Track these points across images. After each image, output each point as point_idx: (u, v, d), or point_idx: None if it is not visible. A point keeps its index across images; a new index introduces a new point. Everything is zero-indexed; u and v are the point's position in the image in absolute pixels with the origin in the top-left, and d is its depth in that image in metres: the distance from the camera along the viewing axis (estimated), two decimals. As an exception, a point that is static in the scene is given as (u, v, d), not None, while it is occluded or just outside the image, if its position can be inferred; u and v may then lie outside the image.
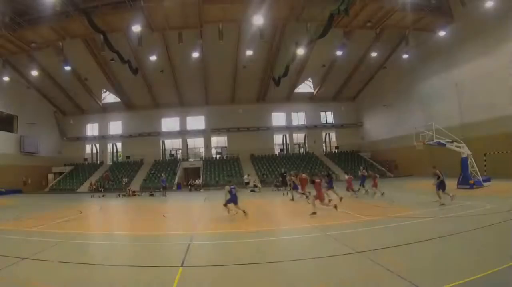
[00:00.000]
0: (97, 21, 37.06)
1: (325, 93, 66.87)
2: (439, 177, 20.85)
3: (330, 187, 24.75)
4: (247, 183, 43.27)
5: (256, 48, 48.73)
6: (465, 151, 29.50)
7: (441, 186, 20.46)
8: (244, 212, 18.76)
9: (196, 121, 69.09)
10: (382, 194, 26.61)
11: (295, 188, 29.44)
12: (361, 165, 43.95)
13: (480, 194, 24.73)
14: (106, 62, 53.05)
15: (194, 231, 15.61)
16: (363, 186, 30.77)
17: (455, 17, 42.15)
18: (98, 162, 68.48)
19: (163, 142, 69.76)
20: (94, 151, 70.66)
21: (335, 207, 19.22)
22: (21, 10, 37.18)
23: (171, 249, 12.96)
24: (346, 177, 30.48)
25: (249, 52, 48.21)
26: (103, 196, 37.58)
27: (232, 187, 19.26)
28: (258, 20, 38.34)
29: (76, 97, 63.39)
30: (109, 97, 67.60)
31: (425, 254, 10.13)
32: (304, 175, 29.39)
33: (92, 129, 70.60)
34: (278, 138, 70.71)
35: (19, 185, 52.00)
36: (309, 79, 65.64)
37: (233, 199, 18.97)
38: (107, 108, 68.59)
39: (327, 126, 71.07)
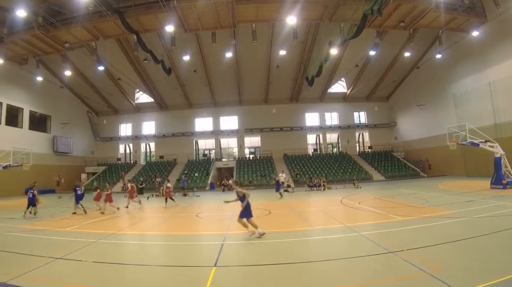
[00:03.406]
0: (130, 21, 37.28)
1: (358, 93, 66.36)
2: (243, 196, 14.41)
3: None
4: (282, 183, 43.08)
5: (289, 48, 48.58)
6: (498, 150, 29.21)
7: (245, 212, 14.08)
8: None
9: (230, 121, 69.38)
10: (118, 208, 26.67)
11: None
12: (279, 172, 43.74)
13: (514, 194, 24.22)
14: (139, 62, 53.60)
15: (227, 231, 15.56)
16: (277, 190, 33.76)
17: (489, 17, 41.48)
18: (132, 162, 69.30)
19: (196, 142, 70.23)
20: (128, 151, 71.63)
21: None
22: (54, 10, 37.59)
23: (204, 249, 12.99)
24: (129, 185, 31.01)
25: (282, 52, 47.90)
26: (136, 196, 37.76)
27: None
28: (291, 20, 38.12)
29: (109, 97, 64.18)
30: (142, 97, 68.42)
31: (459, 254, 10.02)
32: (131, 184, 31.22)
33: (125, 129, 71.47)
34: (311, 138, 70.74)
35: (52, 185, 52.44)
36: (342, 79, 65.33)
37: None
38: (140, 108, 69.50)
39: (360, 126, 70.67)
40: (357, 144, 71.15)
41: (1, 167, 32.47)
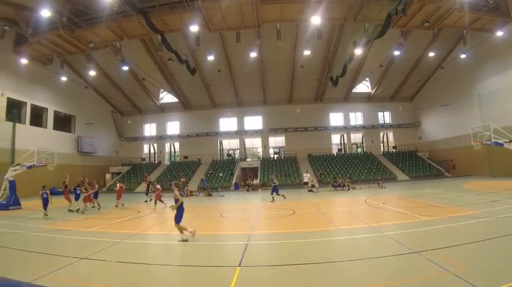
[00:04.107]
0: (155, 21, 37.30)
1: (382, 93, 65.91)
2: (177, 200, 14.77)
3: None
4: (306, 183, 42.90)
5: (314, 48, 48.23)
6: (522, 150, 28.80)
7: (178, 215, 14.54)
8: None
9: (254, 121, 69.40)
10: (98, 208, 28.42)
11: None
12: (271, 175, 43.36)
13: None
14: (163, 62, 53.86)
15: (252, 231, 15.59)
16: (277, 194, 32.17)
17: (513, 17, 41.07)
18: (156, 161, 69.74)
19: (220, 142, 70.28)
20: (152, 151, 72.08)
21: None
22: (79, 10, 37.85)
23: (228, 249, 13.03)
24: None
25: (306, 52, 47.62)
26: (160, 196, 37.90)
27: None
28: (315, 20, 37.94)
29: (133, 97, 64.66)
30: (166, 97, 68.81)
31: (483, 254, 9.99)
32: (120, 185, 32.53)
33: (149, 129, 72.01)
34: (335, 138, 70.45)
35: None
36: (366, 79, 65.03)
37: None
38: (164, 108, 69.95)
39: (384, 126, 70.13)
40: (381, 144, 70.57)
41: (26, 167, 32.64)
